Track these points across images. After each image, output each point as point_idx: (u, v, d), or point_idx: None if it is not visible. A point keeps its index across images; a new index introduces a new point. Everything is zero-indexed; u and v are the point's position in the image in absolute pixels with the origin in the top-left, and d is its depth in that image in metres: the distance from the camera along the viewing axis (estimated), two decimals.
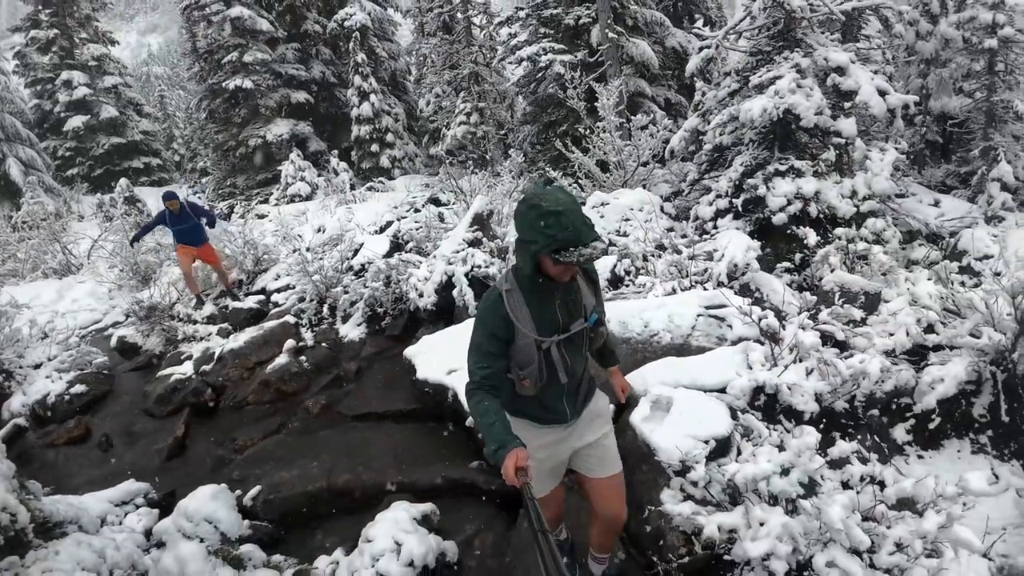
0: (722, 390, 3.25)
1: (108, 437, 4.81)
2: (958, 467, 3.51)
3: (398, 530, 2.58)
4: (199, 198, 20.74)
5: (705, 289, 4.90)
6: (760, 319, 3.74)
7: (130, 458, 4.53)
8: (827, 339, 3.89)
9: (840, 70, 6.78)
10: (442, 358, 3.94)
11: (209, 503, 2.51)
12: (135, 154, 26.19)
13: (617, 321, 4.11)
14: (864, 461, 3.03)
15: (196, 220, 7.24)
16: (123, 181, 18.90)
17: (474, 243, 5.67)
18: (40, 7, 25.29)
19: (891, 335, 3.91)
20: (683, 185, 8.68)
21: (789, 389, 3.21)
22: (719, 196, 6.80)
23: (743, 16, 7.66)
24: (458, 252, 5.50)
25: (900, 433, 3.56)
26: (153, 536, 2.47)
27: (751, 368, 3.36)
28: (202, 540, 2.36)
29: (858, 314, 4.29)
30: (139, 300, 7.55)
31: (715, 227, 6.79)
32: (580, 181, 10.04)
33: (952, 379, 3.32)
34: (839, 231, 5.66)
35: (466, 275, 5.25)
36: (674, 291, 4.78)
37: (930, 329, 3.82)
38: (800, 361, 3.43)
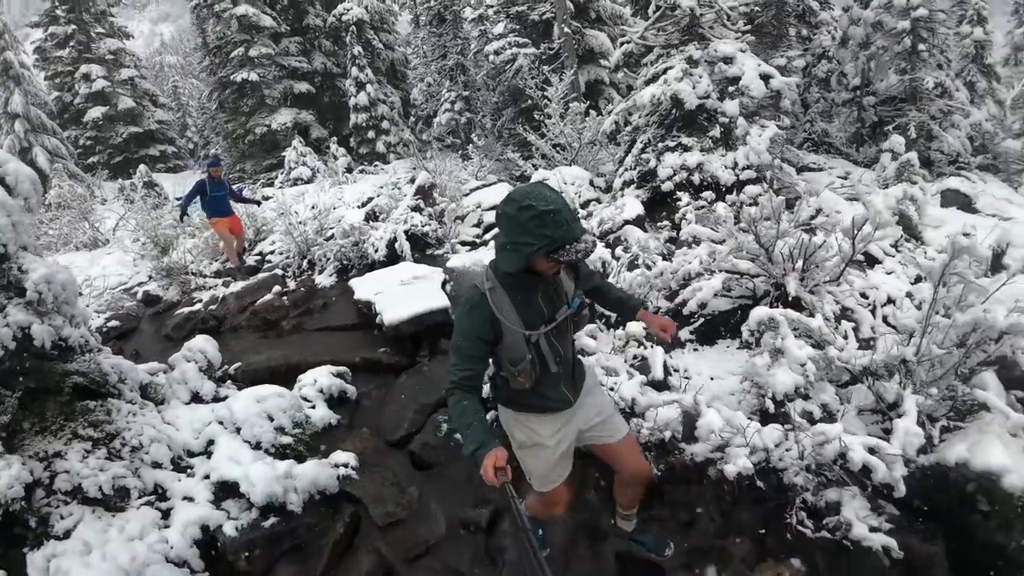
0: None
1: (137, 351, 6.49)
2: (723, 356, 5.05)
3: (318, 376, 4.21)
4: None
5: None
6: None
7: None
8: None
9: (728, 59, 8.18)
10: (372, 285, 5.57)
11: (202, 342, 4.13)
12: (151, 142, 27.92)
13: None
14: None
15: (226, 191, 8.47)
16: (142, 167, 20.58)
17: (416, 209, 7.25)
18: (57, 3, 26.96)
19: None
20: (614, 162, 10.17)
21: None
22: (626, 169, 8.32)
23: (657, 14, 9.06)
24: (402, 216, 7.09)
25: (684, 333, 5.10)
26: (169, 362, 4.09)
27: None
28: (196, 363, 3.97)
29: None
30: (161, 264, 9.21)
31: (623, 195, 8.30)
32: (535, 162, 11.55)
33: (710, 289, 4.84)
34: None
35: (405, 232, 6.84)
36: None
37: None
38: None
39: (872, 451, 2.51)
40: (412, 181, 13.54)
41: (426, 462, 3.47)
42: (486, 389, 3.12)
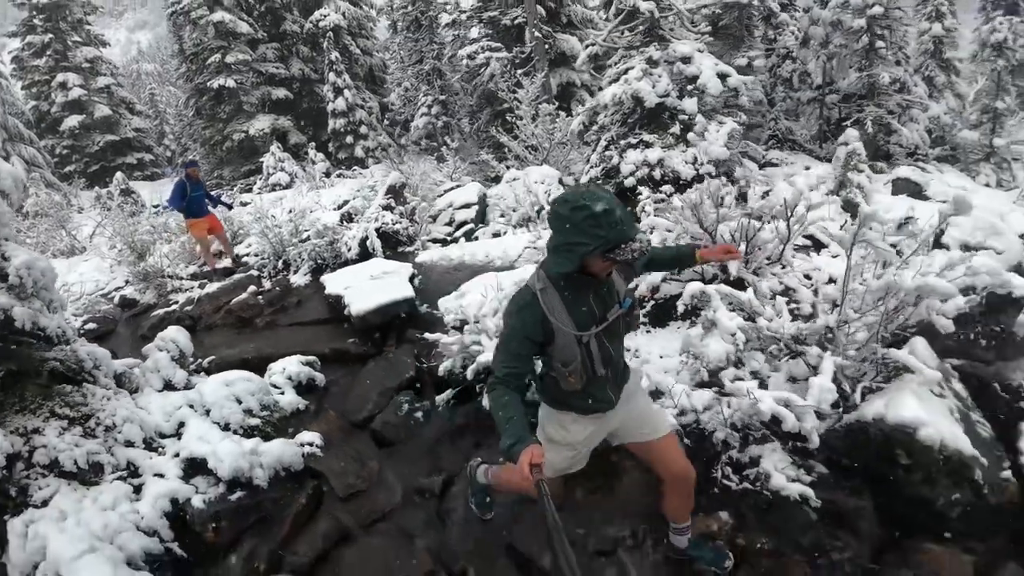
0: None
1: (114, 352, 6.60)
2: (673, 336, 5.29)
3: (287, 364, 4.40)
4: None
5: None
6: None
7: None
8: None
9: (686, 59, 8.48)
10: (343, 281, 5.77)
11: (174, 332, 4.31)
12: (128, 150, 27.82)
13: (468, 253, 5.91)
14: None
15: (203, 192, 8.62)
16: (119, 175, 20.56)
17: (387, 208, 7.45)
18: (34, 13, 26.85)
19: None
20: (583, 161, 10.45)
21: None
22: (592, 167, 8.58)
23: (620, 17, 9.35)
24: (373, 214, 7.29)
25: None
26: (143, 352, 4.26)
27: None
28: (169, 352, 4.14)
29: None
30: (138, 268, 9.31)
31: None
32: (508, 163, 11.79)
33: (658, 273, 5.08)
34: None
35: (376, 230, 7.04)
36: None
37: None
38: None
39: (787, 405, 2.75)
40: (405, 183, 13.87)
41: (387, 439, 3.68)
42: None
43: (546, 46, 14.69)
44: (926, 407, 2.81)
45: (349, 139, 21.80)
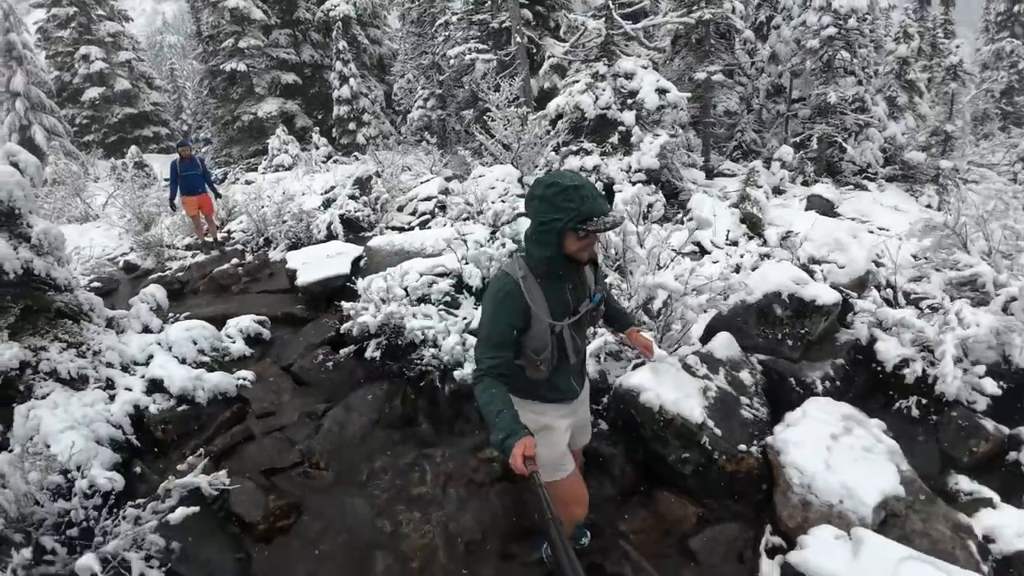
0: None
1: (113, 306, 7.83)
2: None
3: (241, 320, 5.60)
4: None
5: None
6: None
7: None
8: None
9: (629, 75, 9.51)
10: (302, 258, 6.95)
11: (154, 288, 5.49)
12: (146, 123, 29.16)
13: (408, 241, 7.05)
14: None
15: (199, 171, 9.43)
16: (133, 148, 21.87)
17: (352, 197, 8.61)
18: None
19: None
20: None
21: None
22: (540, 169, 9.69)
23: (577, 35, 10.40)
24: (340, 202, 8.46)
25: None
26: (128, 303, 5.45)
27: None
28: (148, 304, 5.32)
29: None
30: (142, 238, 10.55)
31: None
32: (483, 160, 12.85)
33: None
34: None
35: (341, 217, 8.20)
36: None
37: None
38: None
39: None
40: (379, 173, 15.01)
41: (302, 380, 4.84)
42: None
43: (534, 50, 15.71)
44: (659, 380, 3.52)
45: (352, 126, 22.93)
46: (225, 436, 4.01)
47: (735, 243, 7.37)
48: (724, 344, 4.17)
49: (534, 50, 15.83)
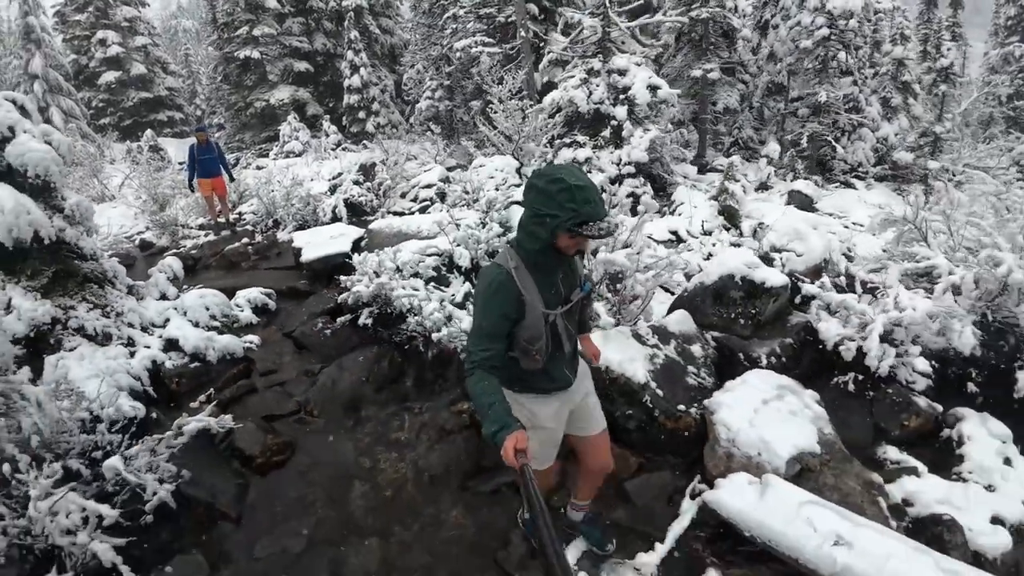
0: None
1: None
2: None
3: (249, 292, 6.12)
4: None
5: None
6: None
7: None
8: None
9: (622, 71, 9.92)
10: (307, 238, 7.48)
11: (172, 260, 6.05)
12: (161, 107, 29.74)
13: (406, 224, 7.55)
14: None
15: (215, 154, 9.84)
16: (148, 132, 22.45)
17: (356, 183, 9.12)
18: None
19: None
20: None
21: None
22: (536, 160, 10.15)
23: (578, 31, 10.80)
24: (345, 188, 8.97)
25: None
26: (148, 273, 5.98)
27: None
28: (166, 274, 5.86)
29: None
30: (158, 217, 11.11)
31: None
32: (486, 151, 13.32)
33: None
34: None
35: (345, 201, 8.72)
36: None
37: None
38: None
39: None
40: (384, 161, 15.54)
41: (302, 344, 5.36)
42: None
43: (540, 44, 16.11)
44: (608, 345, 3.91)
45: (362, 114, 23.41)
46: (232, 388, 4.54)
47: (709, 233, 7.82)
48: (678, 320, 4.60)
49: (540, 44, 16.23)
